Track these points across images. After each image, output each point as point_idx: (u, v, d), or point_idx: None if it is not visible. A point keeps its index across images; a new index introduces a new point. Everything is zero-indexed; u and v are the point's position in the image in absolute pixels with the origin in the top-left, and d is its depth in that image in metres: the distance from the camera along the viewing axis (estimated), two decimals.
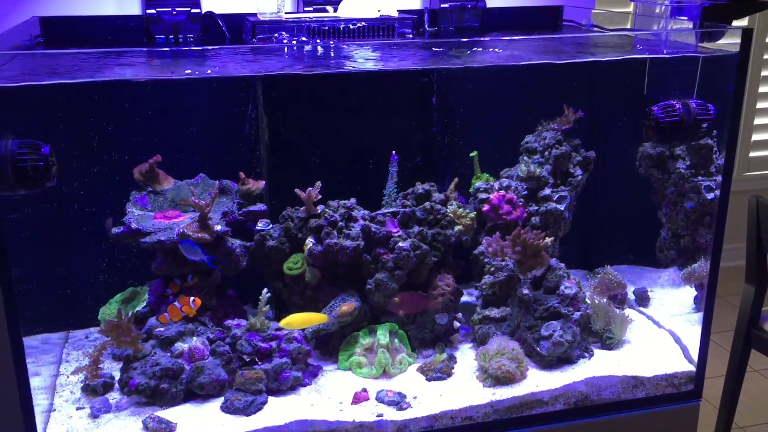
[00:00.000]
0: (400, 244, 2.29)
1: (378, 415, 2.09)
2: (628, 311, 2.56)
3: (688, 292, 2.65)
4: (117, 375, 2.17)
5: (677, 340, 2.45)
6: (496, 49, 2.50)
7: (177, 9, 2.62)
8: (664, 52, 2.19)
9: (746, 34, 2.00)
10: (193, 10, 2.63)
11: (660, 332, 2.52)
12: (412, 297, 2.32)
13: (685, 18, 2.14)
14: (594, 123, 2.81)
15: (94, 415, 2.03)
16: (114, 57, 2.25)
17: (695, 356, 2.34)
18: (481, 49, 2.59)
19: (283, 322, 2.18)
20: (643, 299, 2.70)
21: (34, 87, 2.18)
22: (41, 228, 2.48)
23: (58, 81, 2.18)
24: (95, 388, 2.13)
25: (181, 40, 2.64)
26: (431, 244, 2.36)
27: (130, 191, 2.38)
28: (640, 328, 2.53)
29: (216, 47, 2.48)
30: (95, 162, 2.46)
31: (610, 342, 2.39)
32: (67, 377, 2.23)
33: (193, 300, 2.16)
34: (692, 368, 2.33)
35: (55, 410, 2.09)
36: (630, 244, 2.94)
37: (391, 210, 2.38)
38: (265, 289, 2.21)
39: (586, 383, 2.24)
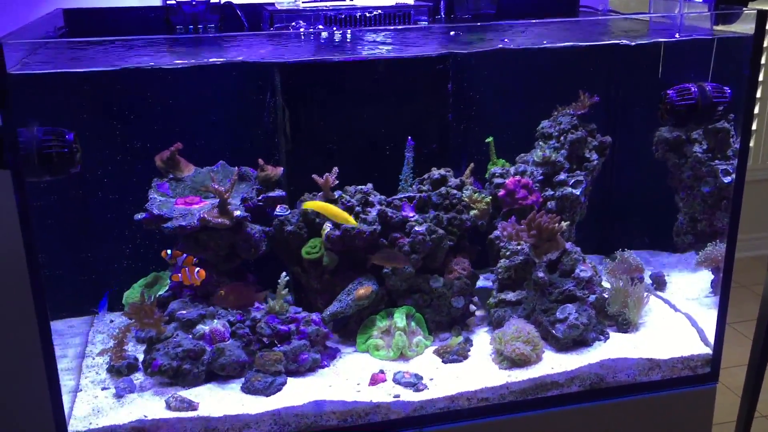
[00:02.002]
0: (416, 228, 2.32)
1: (395, 396, 2.12)
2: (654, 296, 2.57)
3: (705, 277, 2.65)
4: (141, 357, 2.23)
5: (693, 324, 2.46)
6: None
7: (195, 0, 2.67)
8: (677, 35, 2.19)
9: (761, 16, 2.00)
10: (211, 1, 2.68)
11: (676, 315, 2.53)
12: (236, 288, 2.29)
13: (700, 1, 2.14)
14: (611, 107, 2.81)
15: (119, 395, 2.09)
16: (132, 45, 2.30)
17: (712, 339, 2.34)
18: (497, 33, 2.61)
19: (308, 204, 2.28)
20: (659, 283, 2.70)
21: (58, 75, 2.23)
22: (68, 215, 2.54)
23: (80, 69, 2.25)
24: (120, 369, 2.18)
25: (201, 29, 2.69)
26: (447, 229, 2.39)
27: (152, 178, 2.43)
28: (657, 312, 2.54)
29: (234, 34, 2.53)
30: (120, 149, 2.51)
31: (625, 325, 2.40)
32: (93, 359, 2.30)
33: (190, 268, 2.24)
34: (709, 351, 2.34)
35: (81, 390, 2.15)
36: (647, 229, 2.95)
37: (407, 195, 2.41)
38: (284, 273, 2.25)
39: (601, 365, 2.26)
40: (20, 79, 2.03)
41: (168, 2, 2.65)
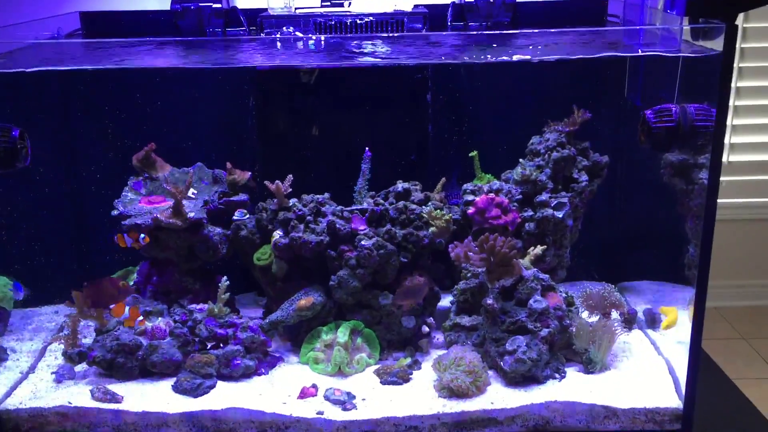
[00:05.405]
0: (363, 242, 2.25)
1: (318, 413, 2.07)
2: (626, 334, 2.33)
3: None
4: None
5: (671, 371, 2.19)
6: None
7: (200, 4, 2.74)
8: (639, 51, 1.95)
9: (730, 31, 1.75)
10: (214, 6, 2.74)
11: (657, 360, 2.27)
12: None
13: (674, 12, 1.90)
14: (618, 125, 2.57)
15: (58, 381, 2.20)
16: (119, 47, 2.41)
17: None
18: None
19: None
20: (653, 321, 2.44)
21: (43, 73, 2.38)
22: (63, 209, 2.71)
23: (61, 68, 2.38)
24: (71, 356, 2.29)
25: (207, 33, 2.77)
26: (401, 245, 2.29)
27: (129, 177, 2.54)
28: (637, 353, 2.30)
29: (214, 39, 2.58)
30: (110, 149, 2.64)
31: (589, 364, 2.20)
32: (58, 344, 2.43)
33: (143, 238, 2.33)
34: (680, 404, 2.08)
35: (34, 372, 2.28)
36: (658, 258, 2.67)
37: (360, 207, 2.34)
38: (225, 278, 2.27)
39: (546, 407, 2.08)
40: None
41: (173, 6, 2.75)
